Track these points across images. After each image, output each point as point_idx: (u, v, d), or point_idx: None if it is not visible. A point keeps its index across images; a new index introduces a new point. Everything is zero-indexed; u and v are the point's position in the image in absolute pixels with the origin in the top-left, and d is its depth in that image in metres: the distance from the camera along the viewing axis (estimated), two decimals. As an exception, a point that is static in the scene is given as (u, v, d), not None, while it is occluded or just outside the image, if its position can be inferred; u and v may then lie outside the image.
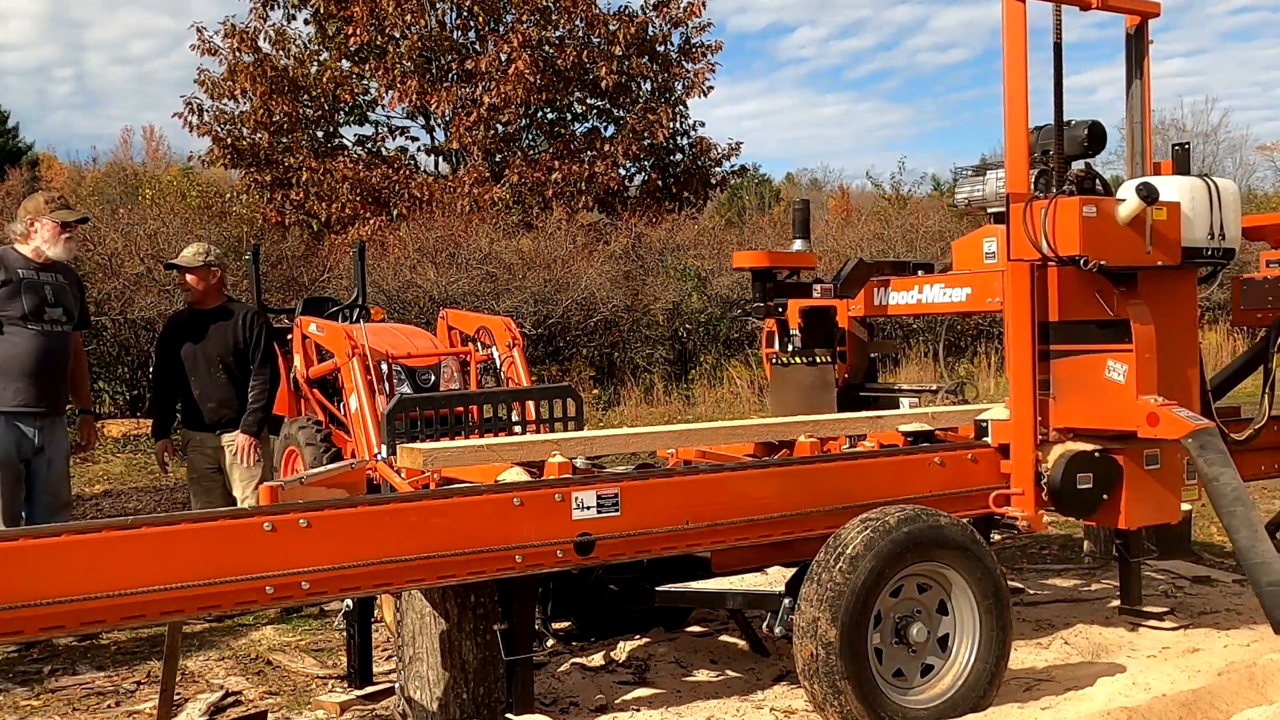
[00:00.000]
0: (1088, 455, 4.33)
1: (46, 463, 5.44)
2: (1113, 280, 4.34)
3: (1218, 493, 4.10)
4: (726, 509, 3.94)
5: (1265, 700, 3.67)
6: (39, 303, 5.36)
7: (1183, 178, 4.55)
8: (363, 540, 3.39)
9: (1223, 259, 4.57)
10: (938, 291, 4.93)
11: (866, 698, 3.62)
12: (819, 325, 5.28)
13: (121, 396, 13.72)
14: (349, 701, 4.31)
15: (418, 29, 19.35)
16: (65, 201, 5.64)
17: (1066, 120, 4.49)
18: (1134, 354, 4.26)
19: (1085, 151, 4.51)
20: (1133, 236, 4.25)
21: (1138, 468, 4.40)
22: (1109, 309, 4.34)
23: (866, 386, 5.49)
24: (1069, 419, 4.42)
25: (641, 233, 18.10)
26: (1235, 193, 4.60)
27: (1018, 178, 4.36)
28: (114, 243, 13.89)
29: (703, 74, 21.02)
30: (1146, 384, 4.28)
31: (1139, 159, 4.72)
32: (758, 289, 5.30)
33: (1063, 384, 4.41)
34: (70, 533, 3.11)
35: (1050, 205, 4.19)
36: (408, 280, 14.95)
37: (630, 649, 4.80)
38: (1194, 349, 4.63)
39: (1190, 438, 4.14)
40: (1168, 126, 37.05)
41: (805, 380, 5.20)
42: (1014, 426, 4.38)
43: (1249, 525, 4.06)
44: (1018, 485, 4.39)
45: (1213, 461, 4.11)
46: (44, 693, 4.68)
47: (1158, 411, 4.21)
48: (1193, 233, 4.43)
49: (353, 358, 7.20)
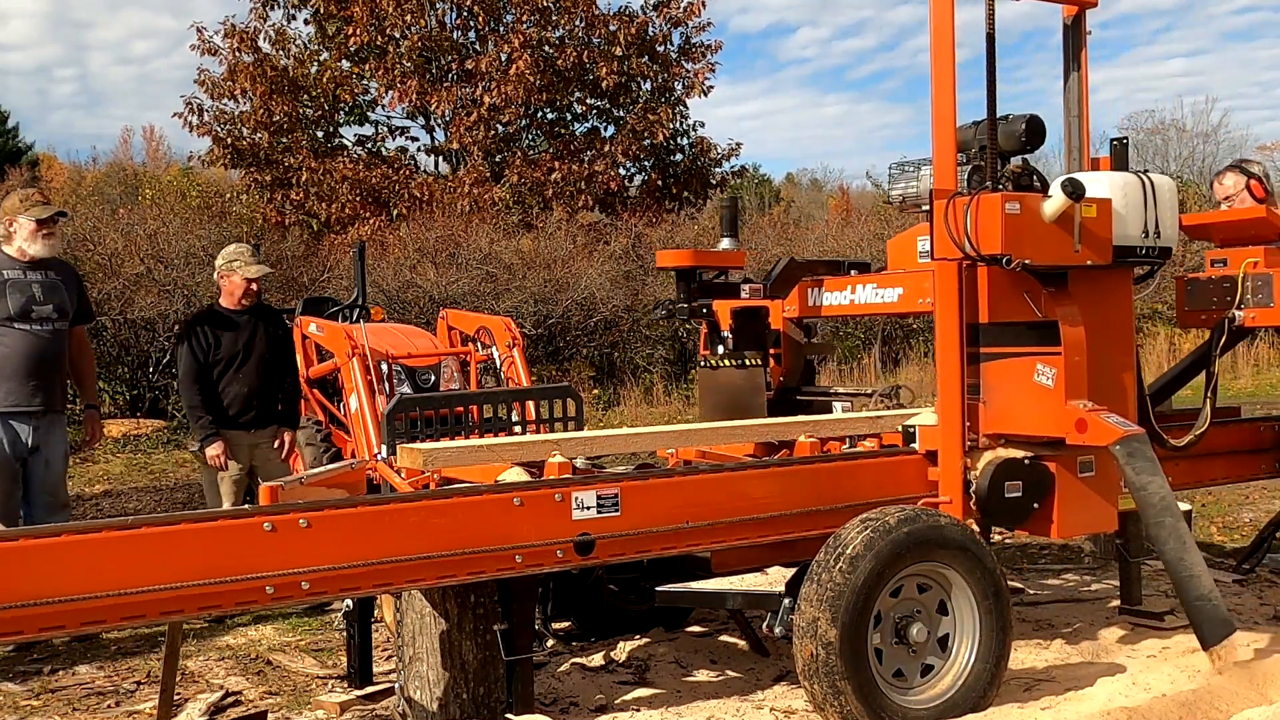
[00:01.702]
0: (1016, 462, 4.17)
1: (44, 463, 5.43)
2: (1042, 280, 4.18)
3: (1145, 502, 3.96)
4: (726, 509, 3.93)
5: (1265, 700, 3.67)
6: (26, 302, 5.35)
7: (1115, 173, 4.39)
8: (363, 540, 3.39)
9: (1159, 258, 4.40)
10: (870, 292, 4.76)
11: (866, 698, 3.62)
12: (750, 326, 5.09)
13: (121, 396, 13.72)
14: (349, 701, 4.31)
15: (418, 29, 19.36)
16: (41, 198, 5.57)
17: (1004, 115, 4.32)
18: (1063, 357, 4.11)
19: (1023, 147, 4.33)
20: (1060, 234, 4.09)
21: (1071, 475, 4.24)
22: (1037, 310, 4.18)
23: (803, 390, 5.30)
24: (999, 424, 4.27)
25: (641, 233, 18.09)
26: (1172, 189, 4.42)
27: (945, 173, 4.19)
28: (114, 243, 13.90)
29: (703, 74, 21.03)
30: (1076, 388, 4.12)
31: (1076, 154, 4.57)
32: (682, 289, 5.06)
33: (992, 388, 4.26)
34: (70, 533, 3.11)
35: (973, 202, 4.04)
36: (408, 280, 14.95)
37: (630, 649, 4.80)
38: (1129, 352, 4.48)
39: (1118, 445, 4.00)
40: (1168, 127, 37.05)
41: (735, 383, 4.95)
42: (941, 432, 4.22)
43: (1177, 537, 3.93)
44: (945, 493, 4.21)
45: (1141, 470, 3.97)
46: (44, 692, 4.68)
47: (1086, 417, 4.06)
48: (1125, 230, 4.26)
49: (353, 358, 7.20)
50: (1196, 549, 3.95)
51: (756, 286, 5.10)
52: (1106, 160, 4.56)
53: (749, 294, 5.08)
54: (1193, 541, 3.96)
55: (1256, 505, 7.71)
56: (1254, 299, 4.82)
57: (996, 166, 4.19)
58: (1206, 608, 3.87)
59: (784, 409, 5.09)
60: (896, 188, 4.73)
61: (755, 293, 5.09)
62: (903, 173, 4.69)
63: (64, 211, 5.70)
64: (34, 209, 5.42)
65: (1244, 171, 5.09)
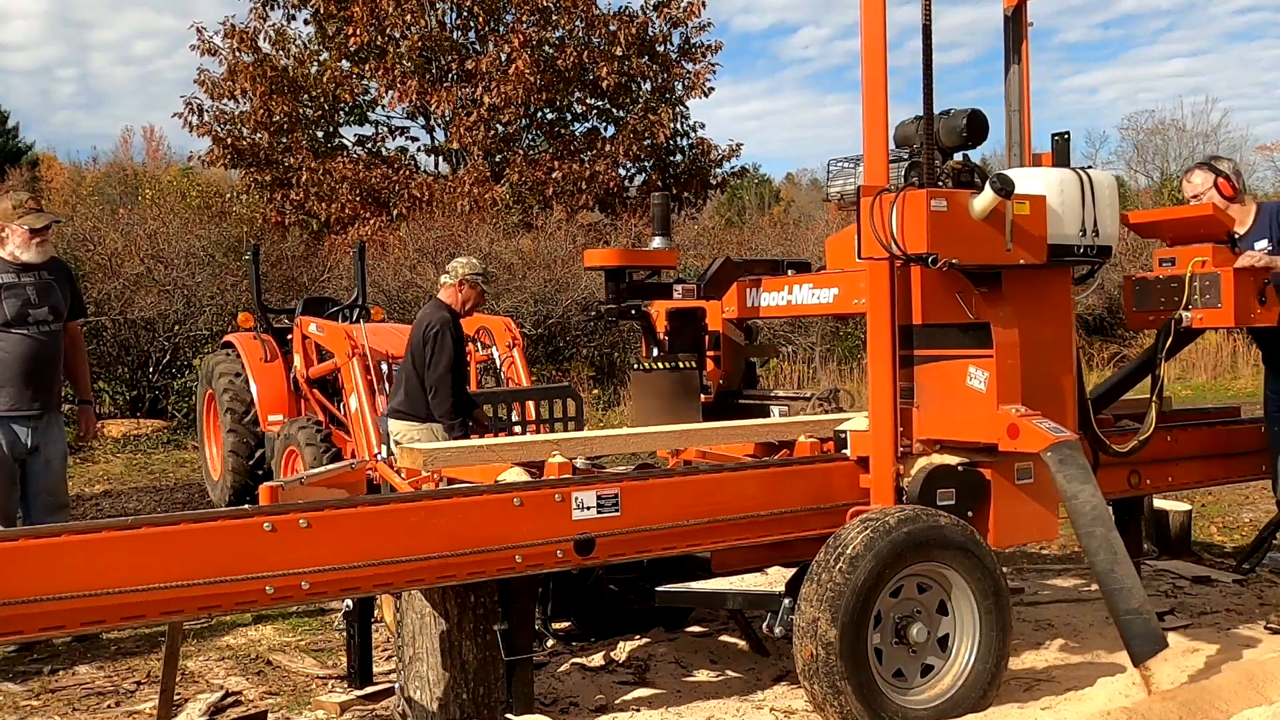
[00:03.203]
0: (949, 469, 4.04)
1: (44, 463, 5.43)
2: (974, 280, 4.05)
3: (1076, 511, 3.80)
4: (726, 509, 3.92)
5: (1265, 700, 3.66)
6: (22, 305, 5.34)
7: (1050, 169, 4.24)
8: (363, 540, 3.39)
9: (1098, 257, 4.26)
10: (806, 292, 4.61)
11: (866, 698, 3.62)
12: (686, 328, 4.94)
13: (121, 396, 13.72)
14: (349, 701, 4.31)
15: (418, 29, 19.35)
16: (34, 205, 5.54)
17: (946, 110, 4.19)
18: (995, 360, 3.97)
19: (965, 143, 4.18)
20: (990, 233, 3.94)
21: (1008, 482, 4.12)
22: (969, 311, 4.04)
23: (745, 393, 5.14)
24: (933, 429, 4.12)
25: (641, 233, 18.08)
26: (1112, 186, 4.28)
27: (876, 170, 4.03)
28: (114, 243, 13.90)
29: (703, 74, 21.03)
30: (1008, 392, 3.98)
31: (1017, 149, 4.42)
32: (611, 289, 4.89)
33: (926, 392, 4.11)
34: (70, 533, 3.11)
35: (898, 199, 3.89)
36: (408, 280, 14.96)
37: (630, 649, 4.80)
38: (1068, 354, 4.32)
39: (1049, 451, 3.85)
40: (1168, 127, 37.09)
41: (668, 387, 4.79)
42: (873, 438, 4.07)
43: (1108, 548, 3.76)
44: (877, 501, 4.07)
45: (1072, 478, 3.81)
46: (44, 692, 4.68)
47: (1018, 422, 3.91)
48: (1061, 229, 4.12)
49: (353, 358, 7.22)
50: (1129, 560, 3.79)
51: (690, 287, 4.96)
52: (1049, 156, 4.42)
53: (682, 294, 4.94)
54: (1125, 553, 3.79)
55: (1256, 505, 7.70)
56: (1202, 299, 4.65)
57: (934, 162, 4.05)
58: (1137, 622, 3.70)
59: (725, 413, 4.95)
60: (834, 185, 4.58)
61: (689, 293, 4.95)
62: (840, 169, 4.56)
63: (58, 219, 5.68)
64: (27, 217, 5.39)
65: (1212, 169, 4.97)
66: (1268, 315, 4.66)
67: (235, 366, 8.71)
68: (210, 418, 9.24)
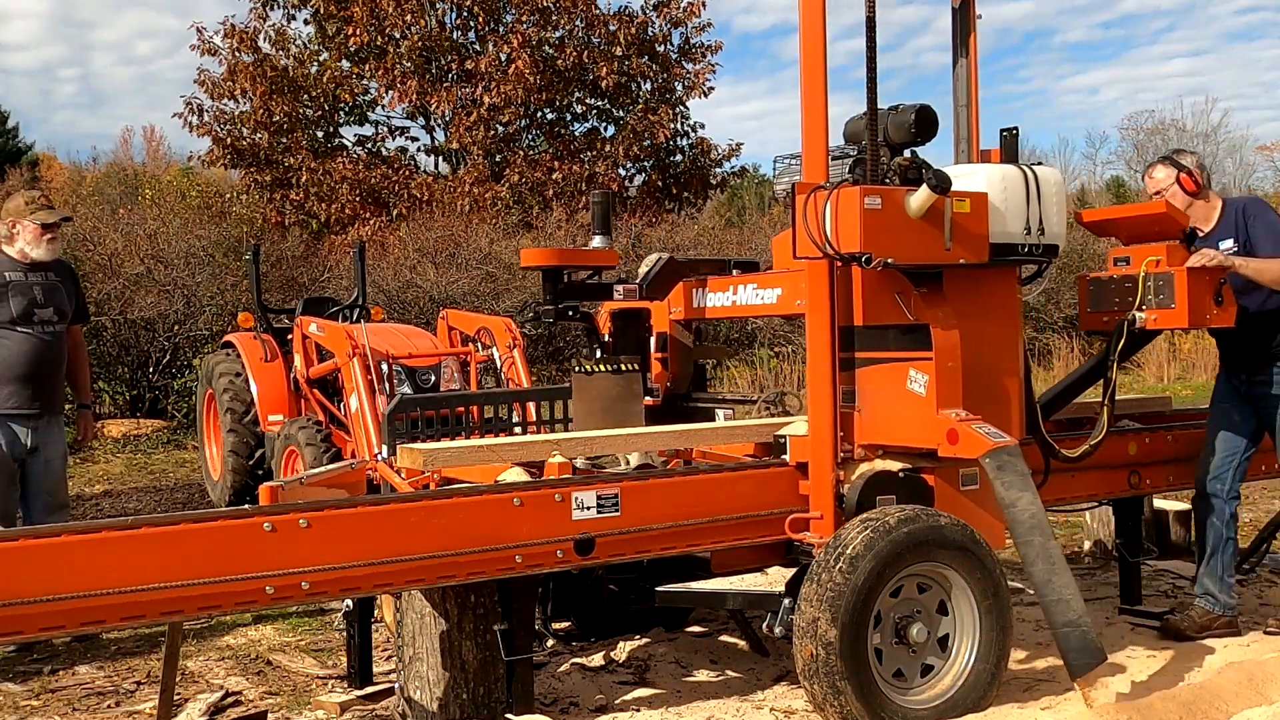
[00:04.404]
0: (890, 475, 3.93)
1: (44, 463, 5.43)
2: (914, 281, 3.93)
3: (1014, 520, 3.67)
4: (727, 509, 3.91)
5: (1265, 700, 3.67)
6: (28, 305, 5.34)
7: (993, 166, 4.10)
8: (363, 540, 3.39)
9: (1044, 256, 4.14)
10: (751, 293, 4.46)
11: (866, 698, 3.62)
12: (630, 330, 4.81)
13: (121, 396, 13.72)
14: (349, 701, 4.31)
15: (418, 29, 19.35)
16: (46, 202, 5.56)
17: (894, 105, 4.07)
18: (934, 363, 3.85)
19: (914, 139, 4.04)
20: (928, 231, 3.82)
21: (952, 489, 4.02)
22: (908, 312, 3.92)
23: (694, 396, 5.00)
24: (874, 435, 4.00)
25: (641, 233, 18.09)
26: (1058, 183, 4.16)
27: (814, 166, 3.90)
28: (114, 243, 13.90)
29: (703, 74, 21.04)
30: (949, 396, 3.86)
31: (965, 145, 4.28)
32: (548, 290, 4.74)
33: (867, 395, 3.98)
34: (70, 533, 3.11)
35: (832, 196, 3.77)
36: (408, 280, 14.94)
37: (630, 649, 4.80)
38: (1014, 357, 4.19)
39: (987, 457, 3.72)
40: (1167, 127, 37.11)
41: (609, 390, 4.61)
42: (812, 443, 3.95)
43: (1046, 557, 3.62)
44: (816, 508, 3.94)
45: (1010, 485, 3.68)
46: (44, 692, 4.68)
47: (957, 427, 3.79)
48: (1005, 227, 4.00)
49: (353, 358, 7.21)
50: (1068, 570, 3.66)
51: (632, 288, 4.82)
52: (998, 153, 4.27)
53: (623, 295, 4.82)
54: (1064, 562, 3.67)
55: (1256, 505, 7.70)
56: (1155, 299, 4.48)
57: (879, 159, 3.93)
58: (1074, 634, 3.57)
59: (673, 417, 4.84)
60: (781, 181, 4.45)
61: (630, 294, 4.83)
62: (787, 166, 4.44)
63: (68, 216, 5.68)
64: (39, 213, 5.41)
65: (1175, 164, 4.81)
66: (1224, 316, 4.51)
67: (235, 366, 8.71)
68: (210, 418, 9.24)
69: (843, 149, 4.19)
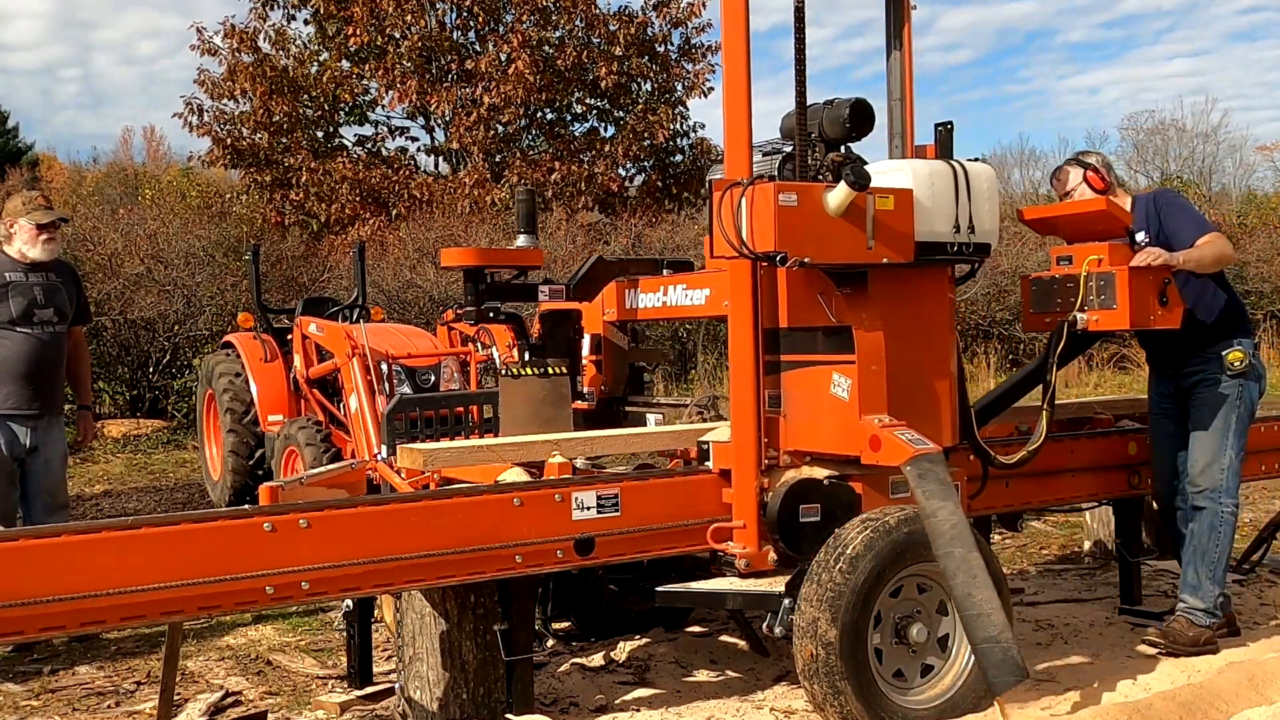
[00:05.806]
0: (814, 483, 3.81)
1: (43, 464, 5.43)
2: (837, 281, 3.81)
3: (934, 531, 3.50)
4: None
5: (1265, 700, 3.67)
6: (28, 305, 5.34)
7: (919, 161, 3.93)
8: (363, 540, 3.39)
9: (975, 255, 3.96)
10: (680, 293, 4.35)
11: (866, 698, 3.62)
12: (559, 332, 4.68)
13: (121, 396, 13.72)
14: (349, 701, 4.31)
15: (418, 29, 19.37)
16: (43, 202, 5.54)
17: (829, 99, 3.94)
18: (857, 366, 3.72)
19: (849, 134, 3.89)
20: (849, 229, 3.67)
21: (881, 497, 3.87)
22: (830, 314, 3.79)
23: (631, 400, 4.87)
24: (799, 440, 3.87)
25: (641, 233, 18.09)
26: (990, 179, 3.98)
27: (735, 163, 3.77)
28: (114, 243, 13.90)
29: (703, 74, 21.06)
30: (872, 401, 3.73)
31: (899, 140, 4.11)
32: (469, 290, 4.63)
33: (792, 400, 3.85)
34: (70, 533, 3.11)
35: (746, 193, 3.64)
36: (408, 280, 14.94)
37: (630, 649, 4.80)
38: (945, 360, 4.04)
39: (909, 465, 3.58)
40: (1168, 127, 37.10)
41: (537, 394, 4.49)
42: (734, 449, 3.81)
43: (967, 570, 3.46)
44: (739, 517, 3.81)
45: (930, 494, 3.52)
46: (44, 693, 4.68)
47: (879, 434, 3.66)
48: (932, 225, 3.83)
49: (353, 358, 7.21)
50: (990, 584, 3.48)
51: (558, 288, 4.74)
52: (933, 148, 4.09)
53: (549, 295, 4.72)
54: (986, 576, 3.48)
55: (1256, 506, 7.70)
56: (1097, 300, 4.31)
57: (805, 155, 3.81)
58: (995, 650, 3.39)
59: (607, 421, 4.71)
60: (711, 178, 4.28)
61: (556, 294, 4.73)
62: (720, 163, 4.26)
63: (66, 217, 5.68)
64: (35, 213, 5.40)
65: (1080, 164, 4.72)
66: (1169, 317, 4.36)
67: (235, 366, 8.71)
68: (210, 418, 9.24)
69: (776, 144, 4.06)
